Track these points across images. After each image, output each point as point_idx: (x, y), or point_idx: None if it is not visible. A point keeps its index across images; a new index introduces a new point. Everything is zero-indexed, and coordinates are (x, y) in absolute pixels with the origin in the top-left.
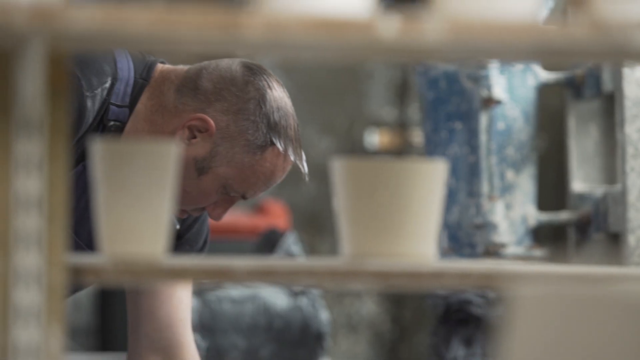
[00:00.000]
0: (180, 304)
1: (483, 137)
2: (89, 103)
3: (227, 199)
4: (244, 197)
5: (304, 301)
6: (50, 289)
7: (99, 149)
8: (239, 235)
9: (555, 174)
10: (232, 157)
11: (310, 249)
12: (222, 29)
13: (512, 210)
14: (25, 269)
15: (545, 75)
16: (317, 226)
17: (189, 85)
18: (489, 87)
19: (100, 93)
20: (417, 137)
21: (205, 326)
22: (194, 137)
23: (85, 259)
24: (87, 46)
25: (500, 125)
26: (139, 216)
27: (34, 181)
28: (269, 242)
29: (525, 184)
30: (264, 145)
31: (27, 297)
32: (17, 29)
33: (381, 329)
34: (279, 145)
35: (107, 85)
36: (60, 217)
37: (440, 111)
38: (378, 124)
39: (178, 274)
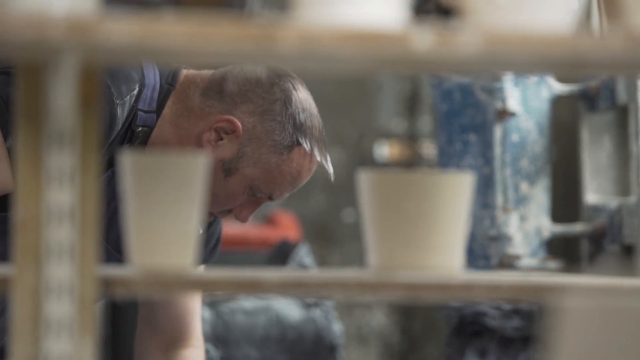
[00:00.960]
0: (194, 295)
1: (497, 149)
2: (119, 110)
3: (254, 200)
4: (270, 198)
5: (317, 313)
6: (82, 300)
7: (128, 160)
8: (250, 246)
9: (566, 185)
10: (259, 158)
11: (320, 261)
12: (256, 42)
13: (527, 222)
14: (57, 281)
15: (559, 88)
16: (326, 238)
17: (215, 88)
18: (503, 100)
19: (128, 100)
20: (427, 149)
21: (218, 338)
22: (221, 139)
23: (115, 271)
24: (122, 59)
25: (515, 137)
26: (168, 228)
27: (66, 193)
28: (281, 253)
29: (539, 196)
30: (291, 146)
31: (59, 308)
32: (53, 42)
33: (391, 340)
34: (306, 145)
35: (135, 92)
36: (92, 229)
37: (455, 123)
38: (388, 136)
39: (207, 286)
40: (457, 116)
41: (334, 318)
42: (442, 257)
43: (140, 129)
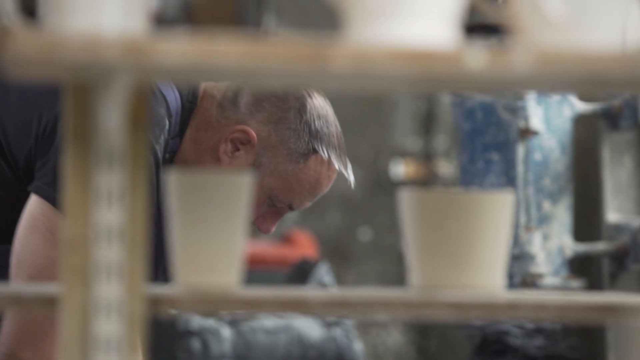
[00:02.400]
0: None
1: (520, 168)
2: (159, 154)
3: (275, 210)
4: (291, 208)
5: (337, 332)
6: (131, 319)
7: (173, 180)
8: (267, 266)
9: (586, 204)
10: (275, 167)
11: (335, 279)
12: (309, 61)
13: (549, 241)
14: (106, 300)
15: (581, 106)
16: (342, 256)
17: (230, 99)
18: (526, 118)
19: (163, 138)
20: (443, 167)
21: (239, 356)
22: (237, 150)
23: (162, 290)
24: (175, 79)
25: (537, 156)
26: (213, 247)
27: (115, 212)
28: (300, 272)
29: (561, 215)
30: (307, 154)
31: (108, 327)
32: (108, 63)
33: (407, 359)
34: (322, 153)
35: (166, 128)
36: (140, 248)
37: (477, 142)
38: (403, 154)
39: (253, 305)
40: (480, 135)
41: (354, 337)
42: (484, 276)
43: (167, 155)
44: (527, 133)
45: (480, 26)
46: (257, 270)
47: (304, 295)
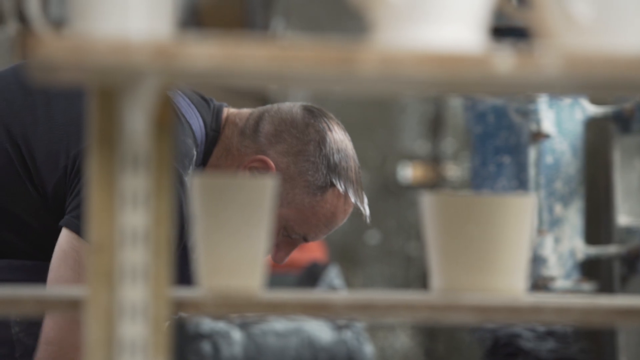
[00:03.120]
0: None
1: (532, 171)
2: (188, 185)
3: (289, 241)
4: (305, 240)
5: (348, 335)
6: (155, 322)
7: (197, 183)
8: (277, 269)
9: (597, 207)
10: (292, 198)
11: (344, 283)
12: (337, 65)
13: (561, 244)
14: (131, 302)
15: (593, 109)
16: (350, 259)
17: (251, 127)
18: (538, 121)
19: (191, 169)
20: (451, 170)
21: (250, 359)
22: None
23: (186, 293)
24: (202, 83)
25: (549, 159)
26: (236, 250)
27: (141, 215)
28: (310, 275)
29: (573, 218)
30: (324, 187)
31: (133, 330)
32: (136, 66)
33: None
34: (339, 187)
35: (194, 158)
36: (165, 251)
37: (489, 145)
38: (411, 157)
39: (276, 308)
40: (491, 138)
41: (365, 340)
42: (506, 280)
43: None
44: (538, 136)
45: (505, 29)
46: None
47: (327, 298)
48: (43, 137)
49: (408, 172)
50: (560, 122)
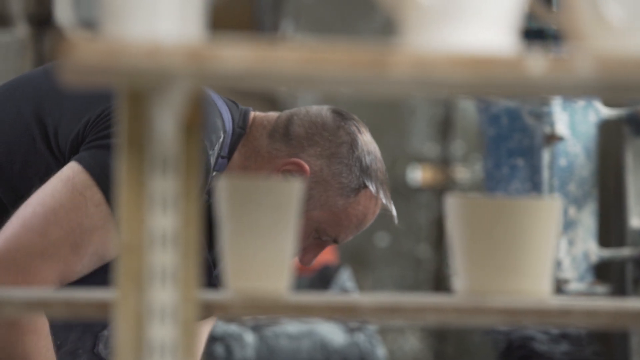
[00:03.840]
0: (203, 334)
1: (545, 174)
2: (212, 160)
3: (319, 243)
4: (335, 242)
5: (360, 337)
6: (185, 324)
7: (224, 186)
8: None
9: (610, 210)
10: (325, 201)
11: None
12: (369, 67)
13: (574, 247)
14: (160, 304)
15: (606, 112)
16: (359, 262)
17: (281, 130)
18: (551, 124)
19: (217, 149)
20: (460, 173)
21: None
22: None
23: (213, 295)
24: (235, 85)
25: (562, 162)
26: (263, 252)
27: (170, 217)
28: (322, 278)
29: (586, 220)
30: (357, 188)
31: (162, 332)
32: (169, 69)
33: None
34: (372, 188)
35: (221, 140)
36: (194, 253)
37: (502, 147)
38: (420, 160)
39: (303, 310)
40: (505, 140)
41: (377, 342)
42: (532, 282)
43: (214, 173)
44: (552, 139)
45: (534, 31)
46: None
47: (354, 300)
48: (70, 107)
49: (417, 175)
50: (574, 125)
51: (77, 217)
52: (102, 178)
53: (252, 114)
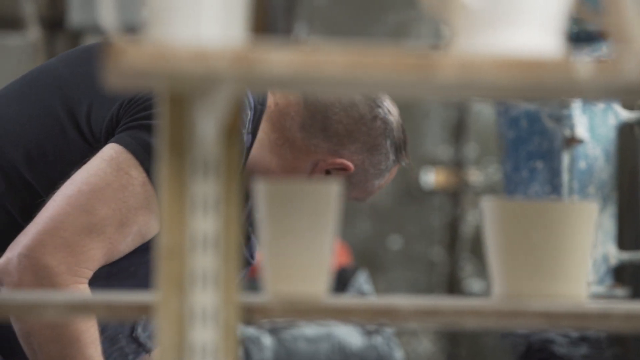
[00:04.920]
0: None
1: (565, 177)
2: (244, 137)
3: None
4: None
5: (378, 340)
6: (226, 327)
7: (263, 189)
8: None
9: (629, 212)
10: (364, 185)
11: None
12: (416, 71)
13: (594, 250)
14: (202, 307)
15: (625, 114)
16: (372, 265)
17: (317, 125)
18: (571, 127)
19: (247, 124)
20: (473, 175)
21: None
22: (329, 173)
23: (253, 299)
24: (281, 89)
25: (582, 165)
26: (302, 256)
27: (211, 221)
28: (339, 281)
29: (606, 223)
30: (391, 168)
31: (204, 335)
32: (216, 73)
33: None
34: (403, 163)
35: (250, 117)
36: (234, 256)
37: (521, 150)
38: (434, 163)
39: (343, 313)
40: (524, 143)
41: (395, 345)
42: (568, 286)
43: None
44: (572, 141)
45: (580, 34)
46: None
47: (393, 303)
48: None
49: (431, 178)
50: (594, 128)
51: (123, 195)
52: (144, 157)
53: (270, 94)
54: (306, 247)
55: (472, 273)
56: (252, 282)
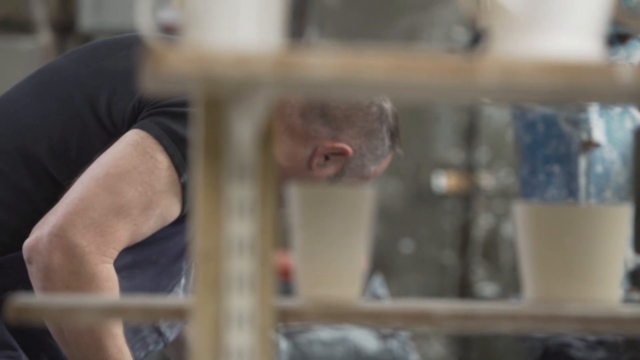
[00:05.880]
0: None
1: (582, 180)
2: None
3: None
4: None
5: (394, 344)
6: (262, 330)
7: (296, 193)
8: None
9: None
10: (361, 170)
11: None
12: (457, 75)
13: None
14: (238, 311)
15: None
16: (384, 268)
17: (316, 111)
18: (588, 131)
19: None
20: (485, 179)
21: None
22: (327, 159)
23: (288, 303)
24: (321, 93)
25: (599, 168)
26: (335, 259)
27: (247, 225)
28: None
29: None
30: (387, 154)
31: (240, 339)
32: (257, 77)
33: None
34: (398, 150)
35: None
36: (270, 260)
37: (538, 154)
38: (445, 166)
39: (378, 317)
40: (541, 147)
41: (410, 349)
42: (602, 290)
43: None
44: (589, 145)
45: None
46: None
47: (428, 308)
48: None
49: (442, 181)
50: (610, 132)
51: (149, 179)
52: (168, 143)
53: None
54: (339, 251)
55: (483, 277)
56: (284, 285)
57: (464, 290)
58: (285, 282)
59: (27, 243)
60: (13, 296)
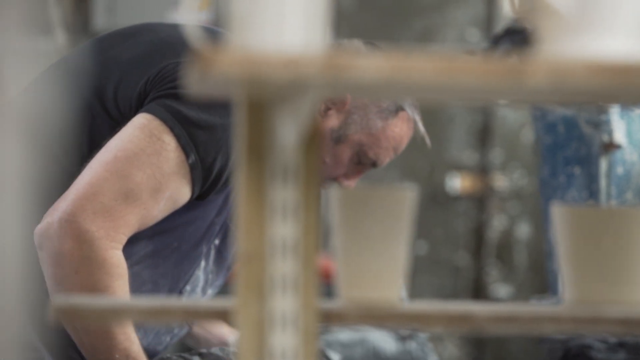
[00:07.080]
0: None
1: (603, 182)
2: None
3: (359, 168)
4: (374, 165)
5: (412, 345)
6: (305, 332)
7: (337, 195)
8: (331, 279)
9: None
10: (366, 123)
11: None
12: (506, 76)
13: None
14: (281, 313)
15: None
16: None
17: None
18: (609, 132)
19: None
20: (499, 181)
21: None
22: (329, 109)
23: (330, 304)
24: (369, 95)
25: (620, 170)
26: (376, 261)
27: (290, 227)
28: None
29: None
30: (395, 111)
31: (283, 340)
32: (306, 80)
33: None
34: (408, 110)
35: None
36: (313, 262)
37: (559, 156)
38: (459, 168)
39: (419, 319)
40: (561, 149)
41: (430, 351)
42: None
43: None
44: (610, 147)
45: None
46: (322, 284)
47: (470, 309)
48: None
49: (456, 183)
50: (631, 133)
51: (157, 161)
52: (174, 124)
53: None
54: (380, 253)
55: (497, 278)
56: (325, 287)
57: (478, 291)
58: (326, 284)
59: (38, 229)
60: (53, 298)
